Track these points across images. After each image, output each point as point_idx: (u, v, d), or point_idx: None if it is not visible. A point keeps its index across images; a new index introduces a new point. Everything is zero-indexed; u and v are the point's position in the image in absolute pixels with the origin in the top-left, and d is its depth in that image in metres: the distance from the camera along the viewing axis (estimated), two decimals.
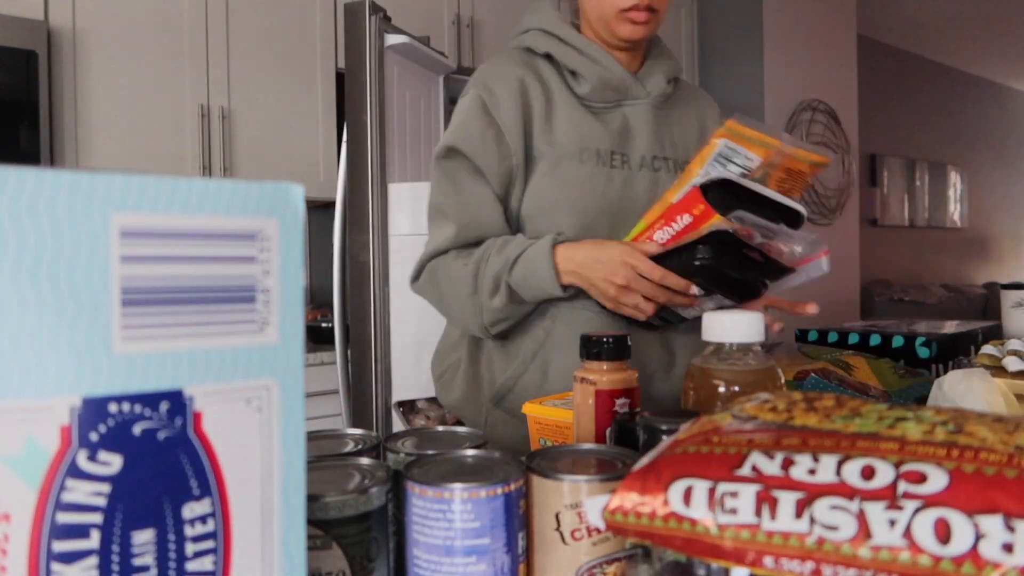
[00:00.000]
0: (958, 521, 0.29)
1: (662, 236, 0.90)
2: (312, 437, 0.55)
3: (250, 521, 0.34)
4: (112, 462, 0.31)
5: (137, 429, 0.31)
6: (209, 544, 0.33)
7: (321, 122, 2.54)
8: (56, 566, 0.29)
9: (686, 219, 0.86)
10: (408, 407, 1.86)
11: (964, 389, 0.73)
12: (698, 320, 0.74)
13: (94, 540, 0.30)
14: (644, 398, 0.65)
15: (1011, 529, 0.29)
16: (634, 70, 1.09)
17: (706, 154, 0.88)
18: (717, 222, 0.82)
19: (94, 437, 0.30)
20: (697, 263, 0.84)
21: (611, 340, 0.61)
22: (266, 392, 0.34)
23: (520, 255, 0.95)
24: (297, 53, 2.49)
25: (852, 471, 0.32)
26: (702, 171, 0.88)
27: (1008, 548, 0.28)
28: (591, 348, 0.62)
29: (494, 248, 0.98)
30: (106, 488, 0.30)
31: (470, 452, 0.49)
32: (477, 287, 0.98)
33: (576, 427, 0.63)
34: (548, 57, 1.08)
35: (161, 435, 0.32)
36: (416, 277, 1.08)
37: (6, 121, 1.93)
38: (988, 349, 0.87)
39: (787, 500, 0.32)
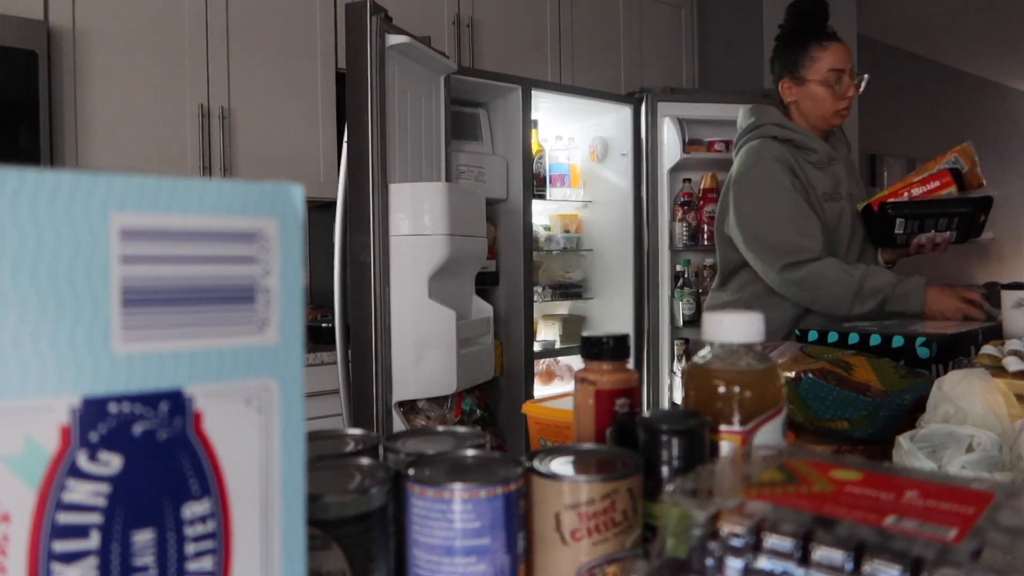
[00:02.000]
0: None
1: (918, 191, 1.63)
2: (312, 437, 0.55)
3: (250, 521, 0.34)
4: (112, 462, 0.31)
5: (137, 429, 0.31)
6: (209, 544, 0.33)
7: (321, 122, 2.54)
8: (56, 566, 0.29)
9: (934, 184, 1.62)
10: (408, 407, 1.86)
11: (964, 389, 0.73)
12: None
13: (94, 540, 0.30)
14: None
15: None
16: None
17: (941, 159, 1.64)
18: (953, 190, 1.59)
19: (94, 437, 0.30)
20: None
21: (611, 340, 0.61)
22: (266, 392, 0.34)
23: (899, 282, 1.52)
24: (297, 53, 2.49)
25: None
26: (941, 165, 1.63)
27: None
28: (591, 348, 0.61)
29: (872, 271, 1.55)
30: (106, 488, 0.30)
31: (470, 452, 0.49)
32: (860, 290, 1.53)
33: (576, 427, 0.62)
34: (786, 140, 1.69)
35: (161, 435, 0.32)
36: (792, 267, 1.58)
37: (6, 121, 1.93)
38: (988, 349, 0.87)
39: None
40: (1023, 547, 0.31)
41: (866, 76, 1.72)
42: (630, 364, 0.63)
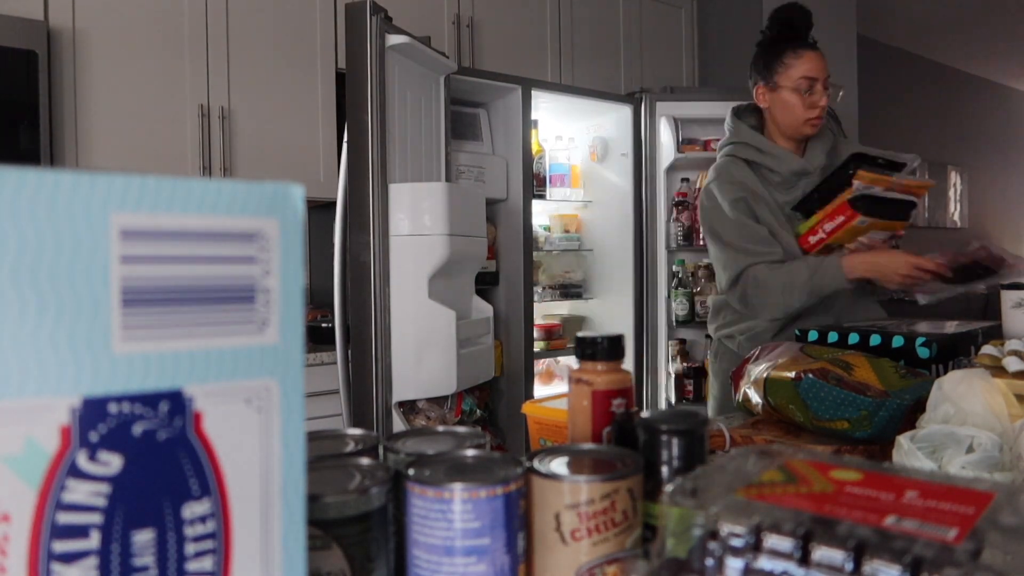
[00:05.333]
0: None
1: (828, 226, 1.60)
2: (312, 437, 0.55)
3: (250, 521, 0.34)
4: (112, 462, 0.31)
5: (137, 429, 0.31)
6: (209, 544, 0.33)
7: (321, 122, 2.54)
8: (56, 566, 0.29)
9: (840, 219, 1.57)
10: (408, 407, 1.86)
11: (964, 389, 0.73)
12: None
13: (94, 540, 0.30)
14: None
15: None
16: (800, 153, 1.71)
17: (848, 193, 1.57)
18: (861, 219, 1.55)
19: (94, 437, 0.30)
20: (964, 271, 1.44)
21: (606, 340, 0.60)
22: (266, 392, 0.34)
23: (816, 271, 1.54)
24: (297, 53, 2.49)
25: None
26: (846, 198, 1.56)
27: None
28: (586, 348, 0.61)
29: (793, 267, 1.57)
30: (106, 488, 0.30)
31: (470, 452, 0.49)
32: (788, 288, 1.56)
33: (571, 427, 0.62)
34: (747, 161, 1.72)
35: (161, 435, 0.32)
36: (734, 283, 1.62)
37: (6, 121, 1.93)
38: (988, 349, 0.87)
39: None
40: (1023, 547, 0.31)
41: (842, 89, 1.71)
42: (628, 365, 0.63)
